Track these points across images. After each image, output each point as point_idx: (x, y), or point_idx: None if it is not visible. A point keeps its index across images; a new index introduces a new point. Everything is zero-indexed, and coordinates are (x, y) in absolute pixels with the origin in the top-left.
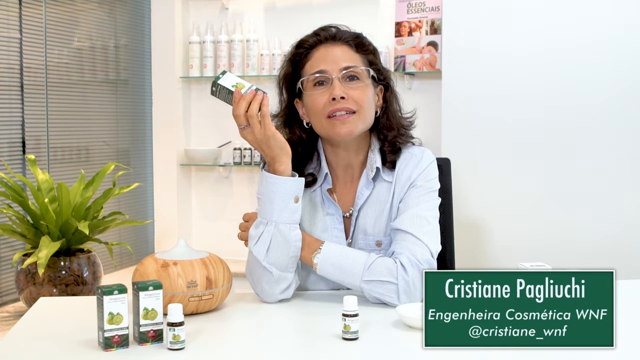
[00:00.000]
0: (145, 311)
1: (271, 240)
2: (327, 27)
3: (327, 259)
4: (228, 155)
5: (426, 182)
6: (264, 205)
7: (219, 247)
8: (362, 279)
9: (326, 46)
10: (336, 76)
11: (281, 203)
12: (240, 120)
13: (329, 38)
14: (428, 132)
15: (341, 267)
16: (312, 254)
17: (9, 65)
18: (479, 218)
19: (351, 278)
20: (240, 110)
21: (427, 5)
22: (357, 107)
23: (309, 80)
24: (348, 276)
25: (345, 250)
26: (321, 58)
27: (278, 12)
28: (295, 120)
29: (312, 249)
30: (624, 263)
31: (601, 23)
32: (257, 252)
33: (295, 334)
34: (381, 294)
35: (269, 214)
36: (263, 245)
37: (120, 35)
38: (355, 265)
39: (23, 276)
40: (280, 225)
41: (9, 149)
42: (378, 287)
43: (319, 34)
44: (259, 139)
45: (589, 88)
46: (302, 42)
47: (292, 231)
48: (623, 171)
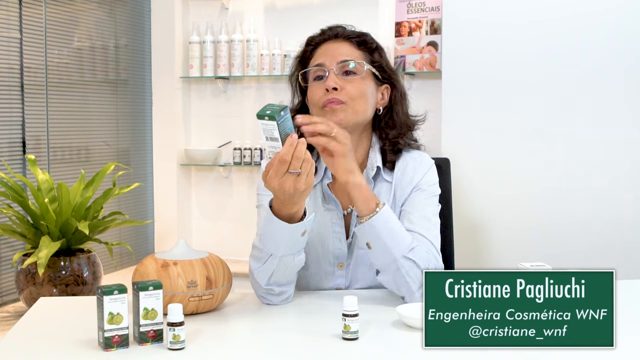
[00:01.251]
0: (145, 311)
1: (274, 270)
2: (334, 26)
3: (384, 217)
4: (228, 155)
5: (429, 186)
6: (267, 241)
7: (219, 247)
8: (404, 254)
9: (329, 43)
10: (332, 69)
11: (288, 242)
12: (296, 164)
13: (333, 36)
14: (428, 132)
15: (395, 231)
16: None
17: (9, 65)
18: (479, 218)
19: (397, 246)
20: (300, 154)
21: (427, 5)
22: (346, 99)
23: (309, 73)
24: (395, 243)
25: (397, 220)
26: (323, 53)
27: (278, 12)
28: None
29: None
30: (624, 263)
31: (601, 23)
32: (259, 278)
33: (295, 334)
34: (411, 278)
35: (274, 249)
36: (266, 273)
37: (120, 35)
38: (405, 238)
39: (23, 276)
40: (285, 258)
41: (9, 149)
42: (413, 269)
43: (324, 32)
44: (300, 189)
45: (589, 88)
46: (310, 40)
47: (296, 257)
48: (624, 172)
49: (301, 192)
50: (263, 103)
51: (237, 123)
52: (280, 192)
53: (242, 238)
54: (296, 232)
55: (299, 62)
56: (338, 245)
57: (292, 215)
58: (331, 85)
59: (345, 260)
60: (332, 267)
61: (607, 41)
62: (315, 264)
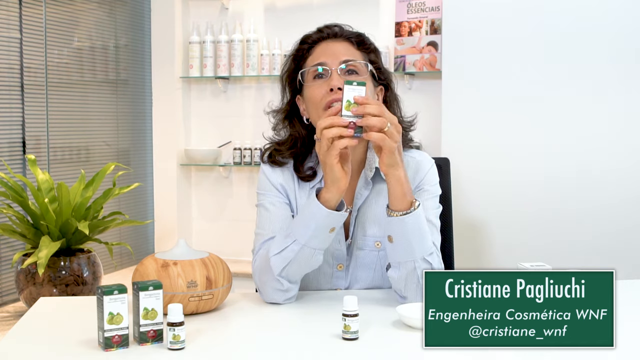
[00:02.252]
0: (145, 311)
1: (292, 259)
2: (331, 25)
3: (417, 216)
4: (228, 155)
5: (431, 186)
6: (298, 223)
7: (219, 247)
8: (425, 256)
9: (328, 42)
10: (335, 68)
11: (317, 230)
12: (318, 132)
13: (331, 35)
14: (428, 132)
15: (422, 233)
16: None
17: (9, 65)
18: (479, 218)
19: (420, 247)
20: (323, 123)
21: (427, 5)
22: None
23: (309, 72)
24: (419, 244)
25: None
26: (322, 52)
27: (278, 12)
28: (296, 116)
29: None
30: (624, 263)
31: (601, 24)
32: (274, 264)
33: (295, 334)
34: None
35: (301, 234)
36: (283, 260)
37: (120, 35)
38: (429, 241)
39: (23, 276)
40: (306, 249)
41: (9, 149)
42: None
43: (322, 30)
44: (320, 158)
45: (589, 88)
46: (305, 38)
47: (315, 256)
48: (623, 171)
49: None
50: (263, 103)
51: (237, 123)
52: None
53: (242, 238)
54: (327, 222)
55: (293, 60)
56: (337, 247)
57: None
58: (337, 85)
59: (344, 261)
60: (331, 268)
61: (608, 40)
62: None
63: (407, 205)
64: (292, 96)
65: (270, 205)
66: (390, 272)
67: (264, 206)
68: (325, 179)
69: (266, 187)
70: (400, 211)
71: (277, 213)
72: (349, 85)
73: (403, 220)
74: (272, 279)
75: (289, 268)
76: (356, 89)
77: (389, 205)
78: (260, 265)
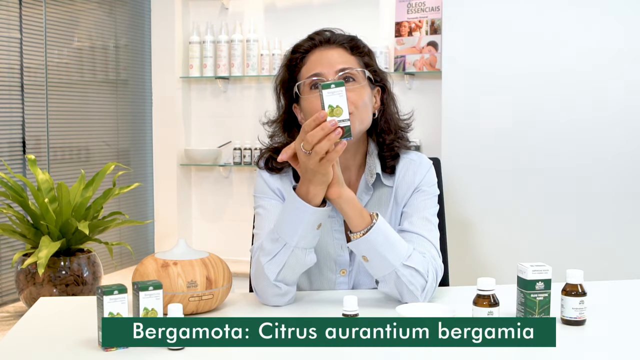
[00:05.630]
0: (145, 311)
1: (285, 263)
2: (322, 31)
3: (380, 228)
4: (228, 155)
5: (429, 187)
6: (285, 226)
7: (219, 247)
8: (403, 262)
9: (321, 50)
10: (332, 78)
11: (305, 230)
12: (307, 146)
13: (324, 41)
14: (428, 132)
15: (391, 242)
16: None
17: (9, 65)
18: (479, 217)
19: (395, 256)
20: (313, 138)
21: (427, 5)
22: (352, 109)
23: (305, 84)
24: (393, 253)
25: (392, 229)
26: (317, 61)
27: (278, 12)
28: (294, 125)
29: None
30: (622, 263)
31: (601, 24)
32: (268, 271)
33: None
34: (413, 285)
35: (290, 236)
36: (276, 265)
37: (120, 35)
38: (402, 246)
39: (23, 276)
40: (297, 251)
41: (9, 149)
42: (414, 276)
43: (313, 38)
44: (311, 168)
45: (588, 89)
46: (297, 47)
47: (307, 256)
48: (621, 171)
49: (315, 174)
50: (263, 103)
51: (237, 123)
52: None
53: (242, 238)
54: (314, 219)
55: (287, 69)
56: (339, 252)
57: (311, 200)
58: None
59: (347, 267)
60: (334, 274)
61: (609, 43)
62: (317, 272)
63: (367, 221)
64: (288, 105)
65: (269, 206)
66: (380, 287)
67: (262, 207)
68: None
69: (264, 190)
70: (361, 230)
71: (276, 213)
72: (327, 89)
73: (367, 238)
74: (269, 285)
75: (284, 272)
76: (335, 91)
77: (349, 229)
78: (256, 272)
